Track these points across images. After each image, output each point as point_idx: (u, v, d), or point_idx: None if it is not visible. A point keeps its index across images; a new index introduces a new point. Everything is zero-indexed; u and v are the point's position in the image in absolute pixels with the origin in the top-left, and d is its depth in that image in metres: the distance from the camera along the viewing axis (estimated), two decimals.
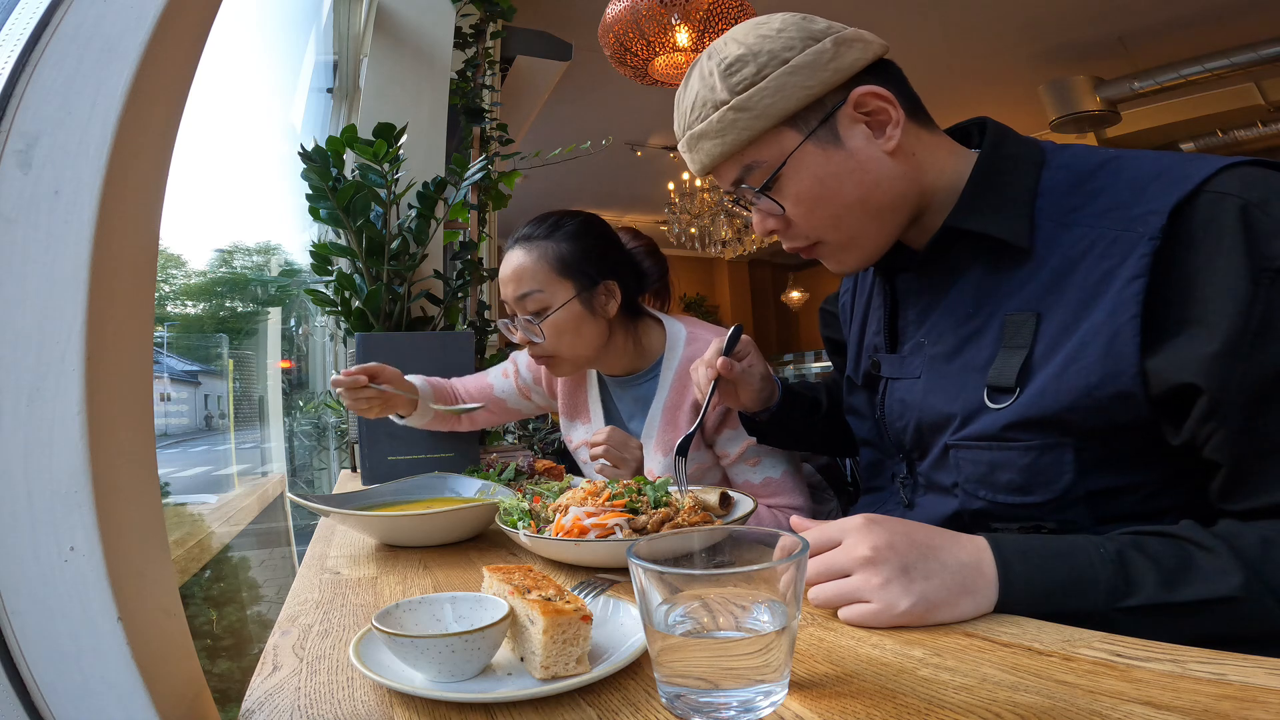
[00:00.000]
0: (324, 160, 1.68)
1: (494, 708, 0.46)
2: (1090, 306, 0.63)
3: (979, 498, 0.71)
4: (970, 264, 0.74)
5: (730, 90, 0.72)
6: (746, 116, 0.72)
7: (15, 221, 0.37)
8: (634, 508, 0.79)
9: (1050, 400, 0.64)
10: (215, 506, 2.67)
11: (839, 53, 0.72)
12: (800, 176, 0.73)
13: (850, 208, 0.74)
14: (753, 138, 0.73)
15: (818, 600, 0.58)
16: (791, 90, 0.71)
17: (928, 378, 0.77)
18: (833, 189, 0.73)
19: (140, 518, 0.41)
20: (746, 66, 0.72)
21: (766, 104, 0.71)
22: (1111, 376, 0.60)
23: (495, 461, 1.47)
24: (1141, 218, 0.61)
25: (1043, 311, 0.66)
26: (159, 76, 0.41)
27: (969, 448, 0.71)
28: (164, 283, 2.47)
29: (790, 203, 0.75)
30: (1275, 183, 0.59)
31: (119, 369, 0.40)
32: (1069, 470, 0.65)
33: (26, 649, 0.37)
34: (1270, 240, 0.55)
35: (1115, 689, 0.42)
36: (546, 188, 6.11)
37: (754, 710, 0.42)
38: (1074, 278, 0.65)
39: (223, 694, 0.65)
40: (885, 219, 0.75)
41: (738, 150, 0.74)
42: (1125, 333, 0.60)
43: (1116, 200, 0.64)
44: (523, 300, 1.15)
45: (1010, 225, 0.69)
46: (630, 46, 2.89)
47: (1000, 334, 0.69)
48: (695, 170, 0.79)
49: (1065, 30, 4.56)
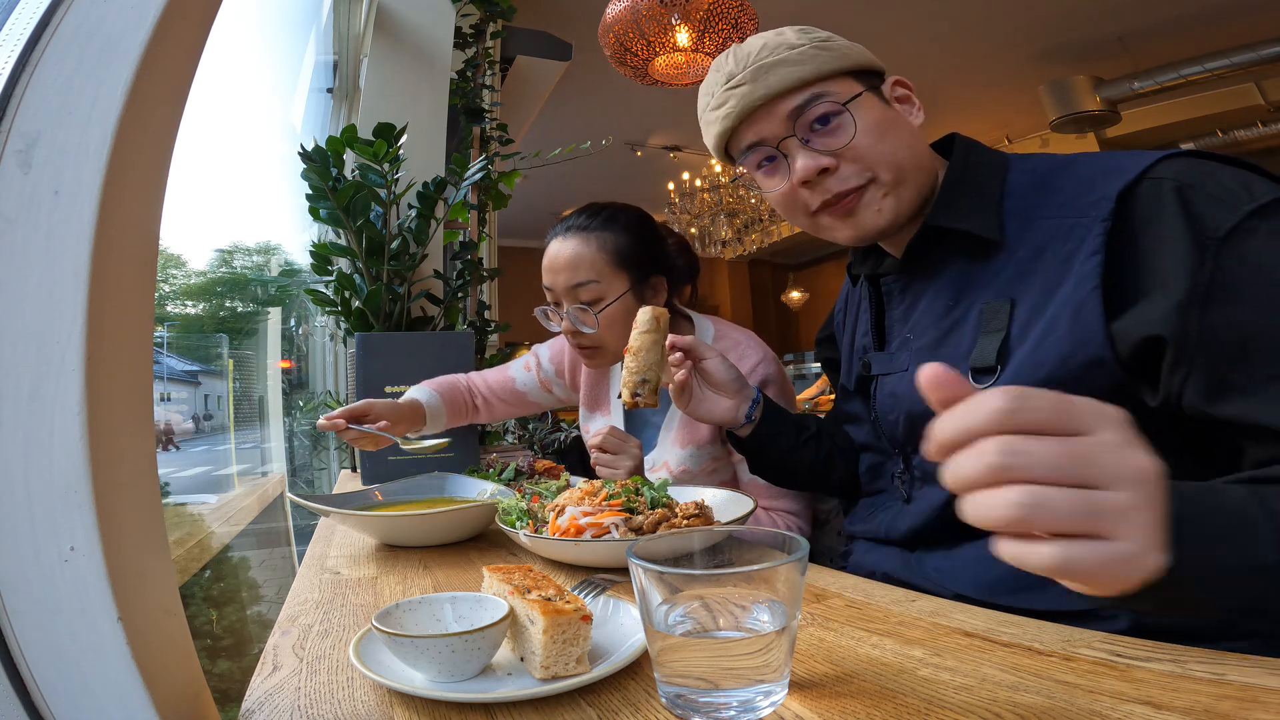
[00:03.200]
0: (324, 160, 1.68)
1: (494, 708, 0.46)
2: (1057, 286, 0.68)
3: None
4: (948, 261, 0.80)
5: (809, 39, 0.82)
6: (827, 55, 0.81)
7: (15, 221, 0.37)
8: (631, 507, 0.79)
9: (1029, 373, 0.68)
10: (215, 506, 2.67)
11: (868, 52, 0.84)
12: (866, 115, 0.81)
13: (906, 149, 0.82)
14: (830, 72, 0.80)
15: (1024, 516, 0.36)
16: (856, 54, 0.82)
17: (914, 369, 0.81)
18: (893, 131, 0.81)
19: (140, 518, 0.41)
20: (818, 31, 0.83)
21: (843, 52, 0.81)
22: (1082, 344, 0.65)
23: (495, 461, 1.47)
24: (1093, 204, 0.68)
25: (1015, 297, 0.72)
26: (159, 76, 0.41)
27: None
28: (164, 283, 2.47)
29: (859, 135, 0.81)
30: (1206, 168, 0.65)
31: (119, 369, 0.40)
32: None
33: (26, 649, 0.37)
34: (1206, 216, 0.61)
35: (1115, 689, 0.42)
36: (546, 188, 6.11)
37: (754, 710, 0.42)
38: (1041, 264, 0.71)
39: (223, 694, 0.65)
40: (921, 179, 0.82)
41: (814, 79, 0.80)
42: (1089, 303, 0.65)
43: (1072, 194, 0.71)
44: (576, 289, 1.15)
45: (983, 221, 0.76)
46: (630, 46, 2.89)
47: (979, 322, 0.75)
48: (755, 97, 0.81)
49: (1065, 30, 4.56)
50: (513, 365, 1.47)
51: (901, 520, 0.81)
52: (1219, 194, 0.61)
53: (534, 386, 1.44)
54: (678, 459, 1.20)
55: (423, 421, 1.31)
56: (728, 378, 0.95)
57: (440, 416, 1.33)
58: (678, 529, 0.74)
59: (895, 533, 0.81)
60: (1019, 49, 4.81)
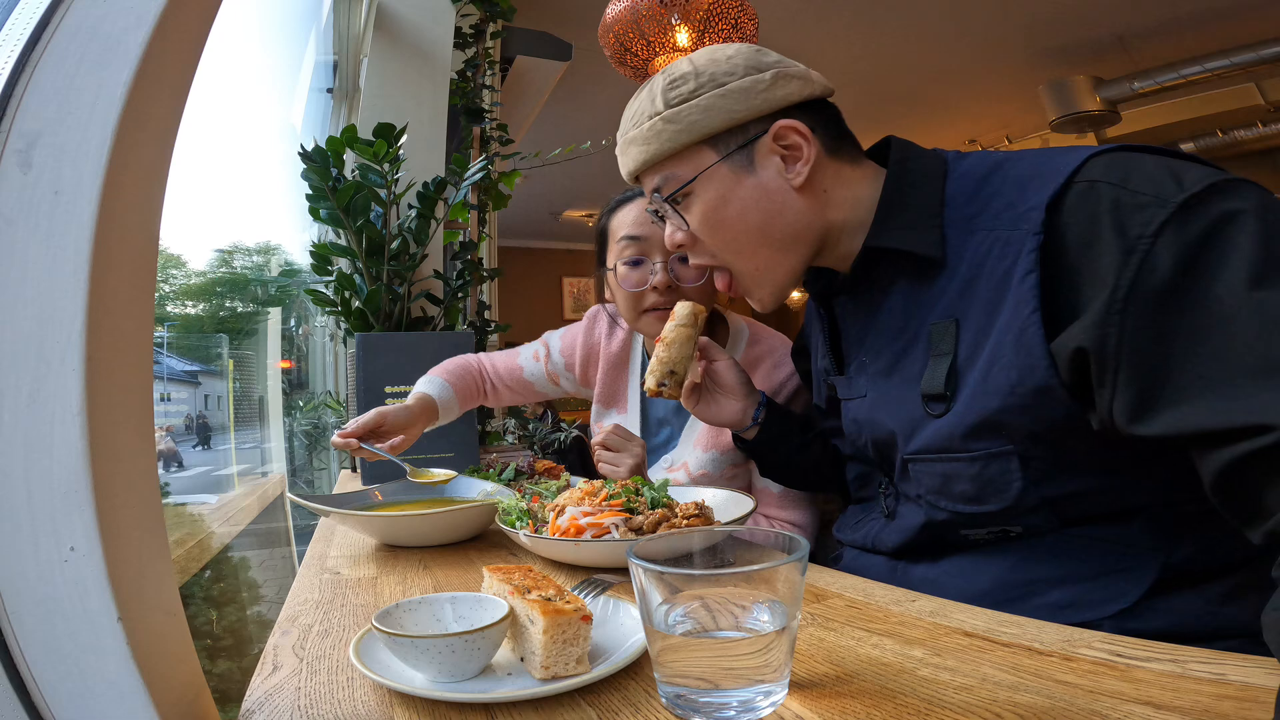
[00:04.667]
0: (324, 160, 1.68)
1: (494, 708, 0.46)
2: (999, 306, 0.65)
3: (940, 508, 0.73)
4: (895, 280, 0.76)
5: (666, 103, 0.78)
6: (672, 129, 0.77)
7: (15, 221, 0.37)
8: (631, 508, 0.79)
9: (982, 403, 0.65)
10: (215, 506, 2.67)
11: (774, 85, 0.76)
12: (708, 194, 0.78)
13: (750, 233, 0.78)
14: (675, 150, 0.78)
15: None
16: (718, 112, 0.76)
17: (872, 395, 0.80)
18: (736, 212, 0.78)
19: (140, 518, 0.41)
20: (687, 84, 0.77)
21: (692, 120, 0.77)
22: (1029, 371, 0.62)
23: (495, 461, 1.47)
24: (1025, 215, 0.64)
25: (960, 316, 0.69)
26: (159, 76, 0.41)
27: (922, 460, 0.73)
28: (164, 283, 2.46)
29: (695, 219, 0.80)
30: (1134, 162, 0.61)
31: (119, 369, 0.40)
32: (1017, 478, 0.66)
33: (26, 649, 0.37)
34: (1135, 213, 0.57)
35: (1115, 689, 0.42)
36: (546, 188, 6.11)
37: (754, 710, 0.42)
38: (981, 281, 0.67)
39: (223, 694, 0.65)
40: (786, 250, 0.79)
41: (660, 160, 0.80)
42: (1030, 328, 0.62)
43: (1006, 202, 0.67)
44: None
45: (922, 238, 0.72)
46: (630, 46, 2.89)
47: (928, 343, 0.72)
48: (623, 174, 0.85)
49: (1065, 30, 4.56)
50: (522, 352, 1.44)
51: (887, 535, 0.80)
52: (1146, 189, 0.58)
53: (540, 377, 1.41)
54: (698, 462, 1.18)
55: (436, 418, 1.28)
56: (736, 382, 0.96)
57: (452, 408, 1.31)
58: (678, 529, 0.74)
59: (881, 545, 0.81)
60: (1019, 49, 4.81)
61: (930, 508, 0.74)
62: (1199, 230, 0.54)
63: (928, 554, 0.76)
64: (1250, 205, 0.54)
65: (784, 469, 1.03)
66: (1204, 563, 0.63)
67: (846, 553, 0.89)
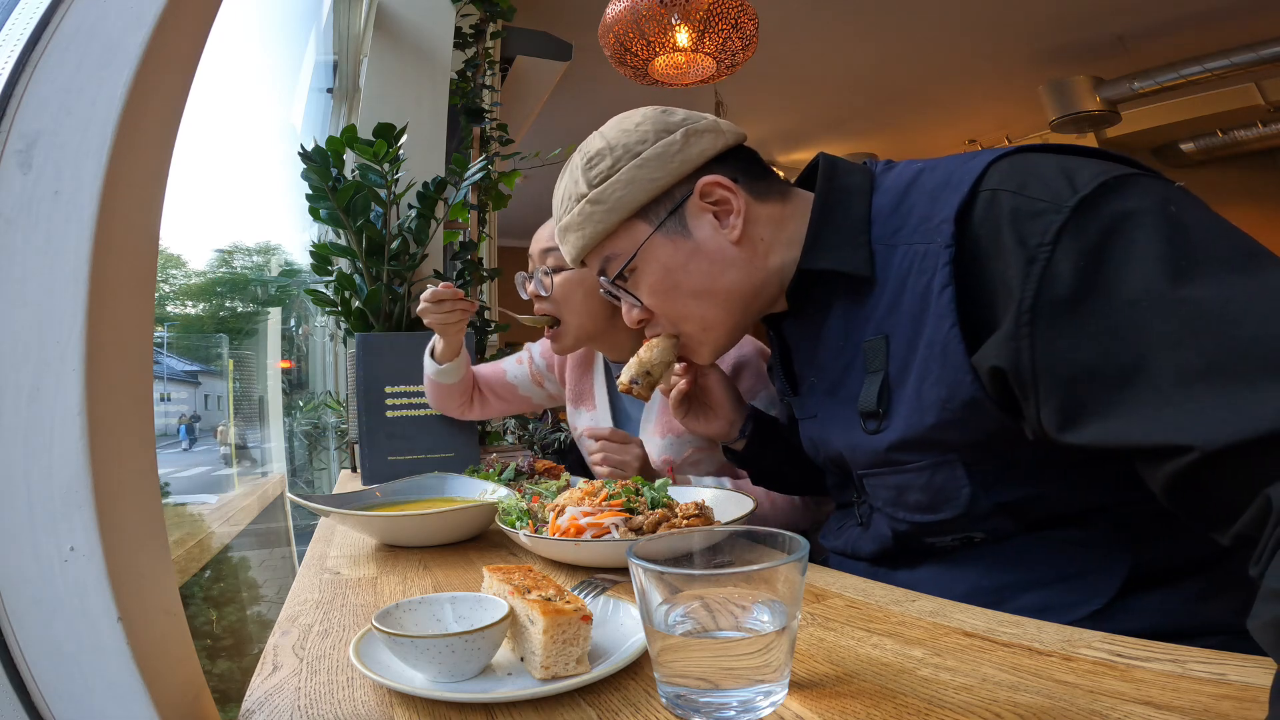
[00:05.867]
0: (324, 160, 1.68)
1: (494, 708, 0.46)
2: (922, 321, 0.64)
3: (899, 519, 0.73)
4: (832, 301, 0.76)
5: (589, 184, 0.77)
6: (601, 209, 0.77)
7: (15, 221, 0.37)
8: (631, 508, 0.79)
9: (916, 419, 0.65)
10: (215, 506, 2.67)
11: (687, 144, 0.76)
12: (651, 267, 0.78)
13: (697, 296, 0.78)
14: (608, 230, 0.78)
15: None
16: (640, 183, 0.76)
17: (821, 415, 0.80)
18: (680, 279, 0.78)
19: (140, 518, 0.41)
20: (604, 160, 0.77)
21: (618, 196, 0.76)
22: (956, 385, 0.61)
23: (495, 461, 1.47)
24: (937, 227, 0.63)
25: (889, 332, 0.68)
26: (159, 76, 0.41)
27: (875, 475, 0.73)
28: (164, 283, 2.47)
29: (645, 294, 0.80)
30: (1030, 165, 0.60)
31: (119, 369, 0.40)
32: (964, 484, 0.66)
33: (26, 649, 0.37)
34: (1031, 220, 0.56)
35: (1115, 689, 0.42)
36: (546, 188, 6.09)
37: (754, 710, 0.42)
38: (905, 296, 0.66)
39: (223, 694, 0.65)
40: (732, 308, 0.79)
41: (597, 242, 0.80)
42: (952, 342, 0.61)
43: (922, 215, 0.66)
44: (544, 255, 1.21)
45: (850, 257, 0.71)
46: (630, 46, 2.89)
47: (864, 361, 0.71)
48: (568, 261, 0.84)
49: (1065, 30, 4.56)
50: (506, 359, 1.50)
51: (863, 543, 0.80)
52: (1041, 195, 0.56)
53: (525, 380, 1.45)
54: (657, 448, 1.22)
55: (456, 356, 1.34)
56: (725, 396, 0.97)
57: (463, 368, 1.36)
58: (678, 529, 0.74)
59: (861, 552, 0.81)
60: (1019, 49, 4.81)
61: (891, 519, 0.74)
62: (1096, 233, 0.53)
63: (904, 561, 0.76)
64: (1148, 201, 0.53)
65: (774, 478, 1.04)
66: (1177, 560, 0.62)
67: (831, 559, 0.90)
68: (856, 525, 0.83)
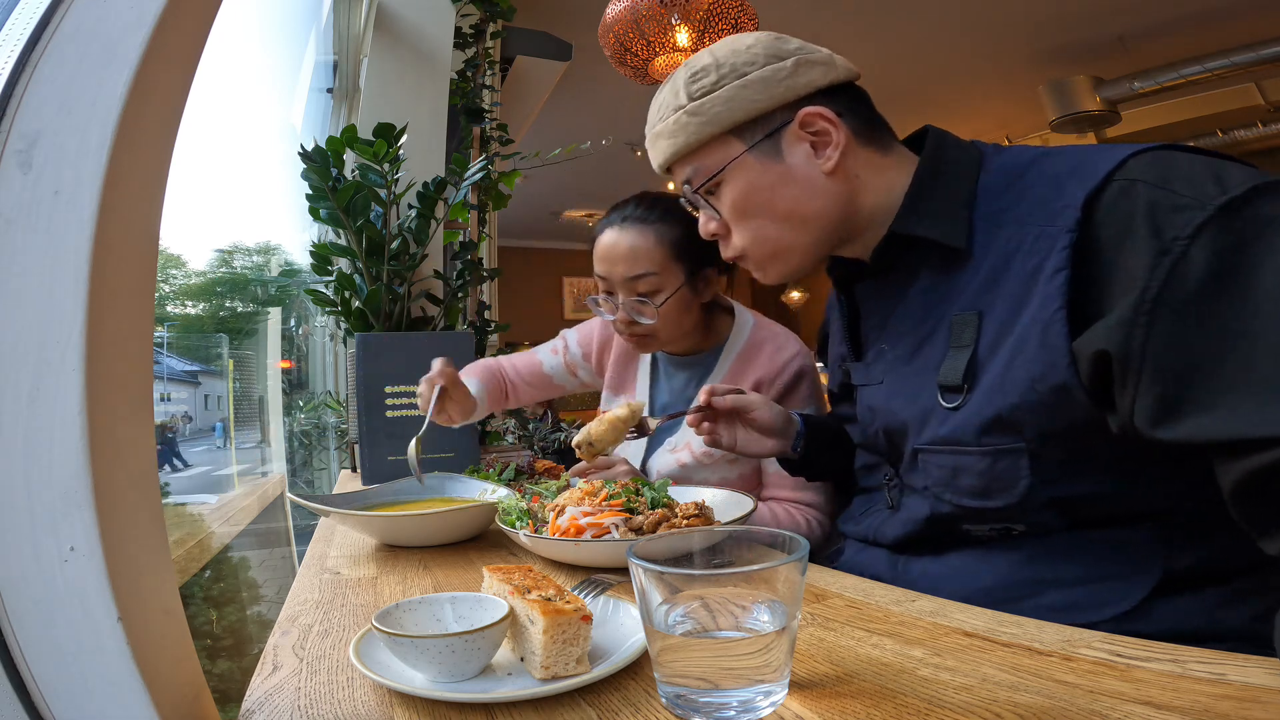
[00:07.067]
0: (324, 160, 1.68)
1: (494, 708, 0.46)
2: (1024, 302, 0.64)
3: (945, 500, 0.72)
4: (919, 269, 0.76)
5: (689, 96, 0.78)
6: (697, 121, 0.77)
7: (15, 221, 0.37)
8: (631, 508, 0.79)
9: (999, 397, 0.65)
10: (215, 506, 2.67)
11: (796, 72, 0.76)
12: (737, 185, 0.79)
13: (777, 220, 0.79)
14: (701, 142, 0.79)
15: None
16: (740, 102, 0.76)
17: (889, 382, 0.80)
18: (765, 200, 0.78)
19: (140, 518, 0.41)
20: (708, 76, 0.77)
21: (716, 112, 0.77)
22: (1050, 368, 0.61)
23: (495, 461, 1.47)
24: (1059, 212, 0.63)
25: (983, 310, 0.68)
26: (159, 76, 0.41)
27: (933, 452, 0.73)
28: (164, 283, 2.46)
29: (726, 208, 0.80)
30: (1174, 161, 0.60)
31: (119, 369, 0.40)
32: (1025, 475, 0.65)
33: (26, 649, 0.37)
34: (1172, 214, 0.56)
35: (1115, 689, 0.42)
36: (546, 188, 6.11)
37: (754, 710, 0.42)
38: (1008, 275, 0.67)
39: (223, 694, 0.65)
40: (813, 235, 0.79)
41: (687, 153, 0.80)
42: (1055, 324, 0.61)
43: (1040, 197, 0.66)
44: (634, 281, 1.17)
45: (948, 228, 0.72)
46: (630, 46, 2.89)
47: (949, 334, 0.71)
48: (654, 167, 0.85)
49: (1065, 30, 4.56)
50: (540, 349, 1.50)
51: (889, 527, 0.80)
52: (1185, 191, 0.56)
53: (559, 369, 1.47)
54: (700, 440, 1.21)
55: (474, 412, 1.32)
56: (776, 422, 0.97)
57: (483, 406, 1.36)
58: (678, 529, 0.74)
59: (883, 537, 0.81)
60: (1019, 49, 4.81)
61: (936, 500, 0.73)
62: (1238, 234, 0.53)
63: (929, 549, 0.76)
64: None
65: (827, 474, 1.05)
66: (1205, 568, 0.62)
67: (848, 546, 0.90)
68: (884, 509, 0.83)
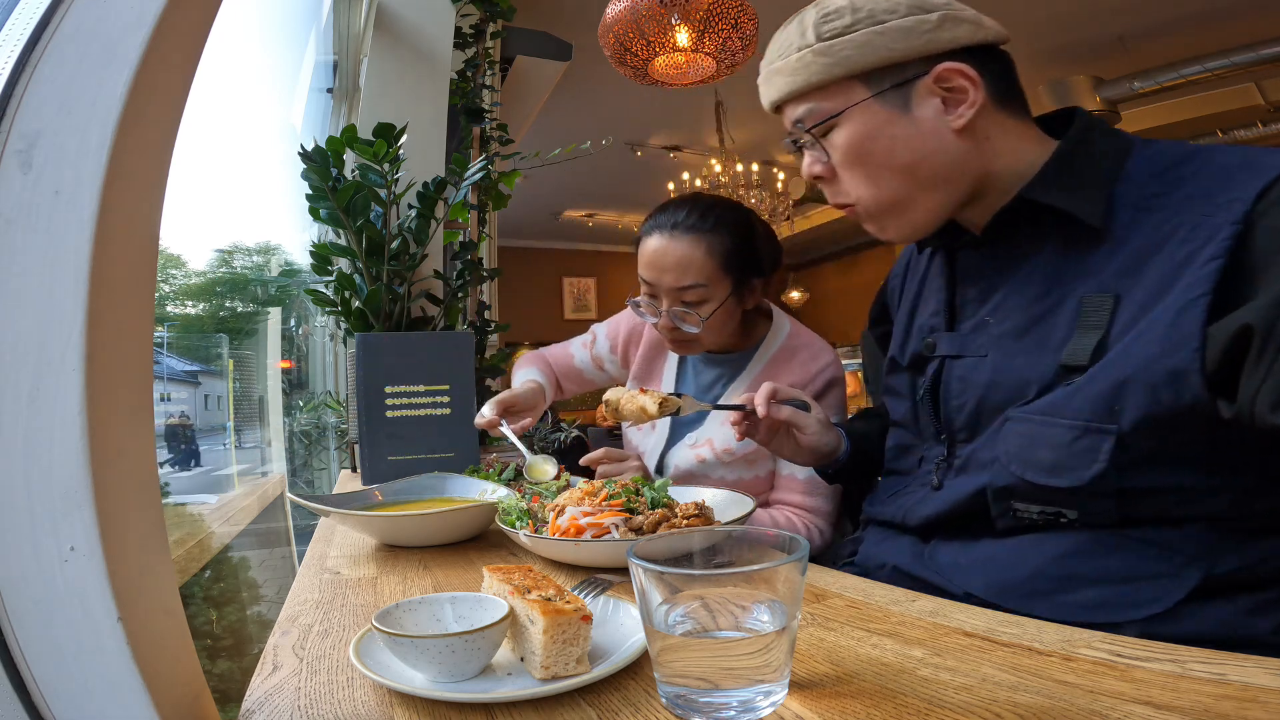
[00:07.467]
0: (324, 160, 1.68)
1: (494, 708, 0.46)
2: (1168, 288, 0.63)
3: (1011, 472, 0.70)
4: (1040, 243, 0.74)
5: (817, 36, 0.75)
6: (823, 61, 0.75)
7: (15, 221, 0.37)
8: (631, 508, 0.79)
9: (1112, 372, 0.64)
10: (215, 506, 2.67)
11: (941, 26, 0.73)
12: (855, 130, 0.76)
13: (894, 172, 0.76)
14: (822, 83, 0.76)
15: None
16: (874, 48, 0.73)
17: (995, 356, 0.76)
18: (883, 149, 0.75)
19: (140, 518, 0.41)
20: (842, 18, 0.74)
21: (845, 55, 0.74)
22: (1172, 348, 0.60)
23: (495, 461, 1.47)
24: (1227, 204, 0.62)
25: (1121, 293, 0.66)
26: (159, 76, 0.41)
27: (1023, 420, 0.71)
28: (164, 283, 2.46)
29: (838, 153, 0.77)
30: None
31: (119, 369, 0.40)
32: (1101, 460, 0.64)
33: (26, 649, 0.37)
34: None
35: (1115, 689, 0.42)
36: (546, 188, 6.10)
37: (754, 710, 0.42)
38: (1155, 261, 0.65)
39: (223, 694, 0.65)
40: (935, 190, 0.76)
41: (806, 91, 0.77)
42: (1193, 309, 0.60)
43: (1202, 188, 0.65)
44: (682, 291, 1.17)
45: (1086, 205, 0.69)
46: (630, 46, 2.89)
47: (1076, 315, 0.69)
48: (764, 103, 0.83)
49: (1065, 30, 4.56)
50: (574, 343, 1.53)
51: (924, 505, 0.78)
52: None
53: (588, 364, 1.49)
54: (723, 438, 1.22)
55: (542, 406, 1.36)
56: (824, 448, 0.96)
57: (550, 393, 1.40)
58: (678, 529, 0.74)
59: (914, 518, 0.79)
60: (1019, 49, 4.78)
61: (1001, 469, 0.71)
62: None
63: (961, 534, 0.75)
64: None
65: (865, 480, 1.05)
66: (1243, 575, 0.62)
67: (870, 535, 0.88)
68: (920, 488, 0.81)
